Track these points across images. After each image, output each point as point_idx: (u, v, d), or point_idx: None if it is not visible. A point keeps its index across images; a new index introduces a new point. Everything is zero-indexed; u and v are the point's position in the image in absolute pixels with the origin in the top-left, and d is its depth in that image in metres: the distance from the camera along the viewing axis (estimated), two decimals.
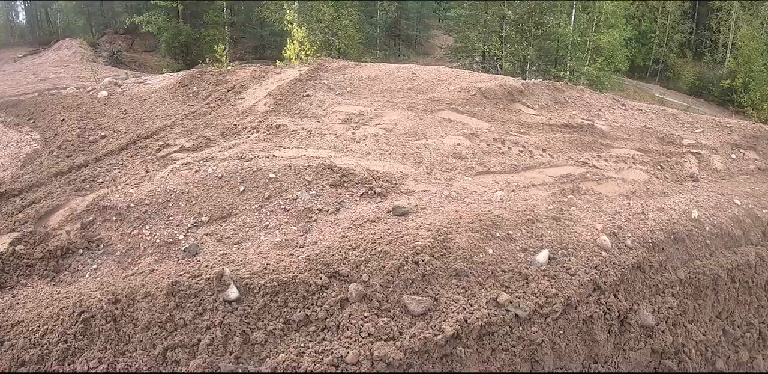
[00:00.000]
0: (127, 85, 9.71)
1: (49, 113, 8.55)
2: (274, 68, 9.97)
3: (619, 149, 7.81)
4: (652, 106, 11.50)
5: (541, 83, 9.34)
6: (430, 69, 9.29)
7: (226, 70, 9.74)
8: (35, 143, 7.54)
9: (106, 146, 7.08)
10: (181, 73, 9.96)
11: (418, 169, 5.80)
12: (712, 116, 11.56)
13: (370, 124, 7.07)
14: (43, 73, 24.28)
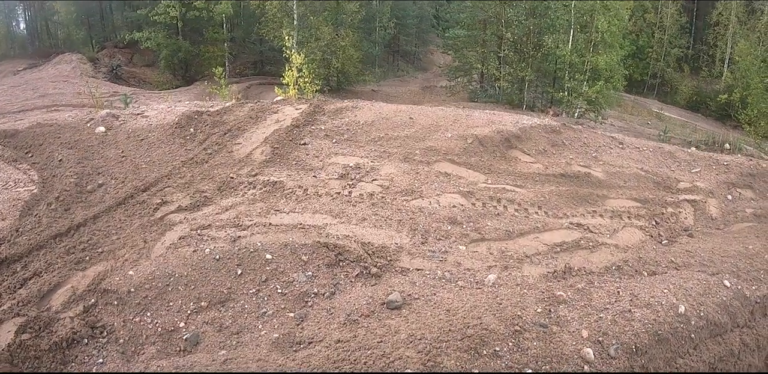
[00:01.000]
0: (124, 117, 9.69)
1: (46, 148, 8.56)
2: (270, 106, 9.91)
3: (616, 200, 7.82)
4: (649, 143, 11.51)
5: (538, 126, 9.32)
6: (428, 112, 9.24)
7: (223, 110, 9.66)
8: (33, 185, 7.54)
9: (103, 197, 7.09)
10: (180, 111, 9.89)
11: (413, 238, 5.79)
12: (709, 153, 11.56)
13: (367, 179, 7.05)
14: (43, 89, 24.37)
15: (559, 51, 22.57)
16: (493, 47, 24.88)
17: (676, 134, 28.54)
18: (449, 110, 9.85)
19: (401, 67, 43.88)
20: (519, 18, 23.33)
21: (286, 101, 10.79)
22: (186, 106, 11.05)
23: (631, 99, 35.25)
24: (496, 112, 11.31)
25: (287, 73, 14.55)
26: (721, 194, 9.00)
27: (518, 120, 9.49)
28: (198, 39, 31.57)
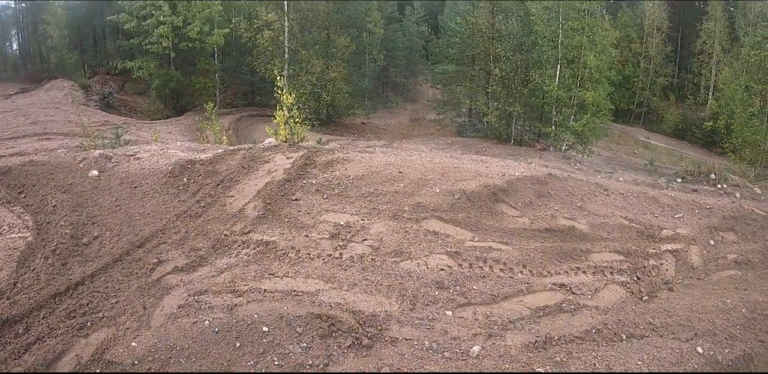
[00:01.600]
0: (117, 159, 9.79)
1: (40, 189, 8.66)
2: (262, 155, 10.12)
3: (599, 254, 8.04)
4: (634, 188, 11.77)
5: (525, 178, 9.58)
6: (416, 165, 9.46)
7: (215, 158, 9.84)
8: (27, 231, 7.61)
9: (99, 251, 7.22)
10: (172, 154, 10.07)
11: (402, 304, 6.02)
12: (692, 196, 11.83)
13: (357, 239, 7.27)
14: (34, 116, 24.44)
15: (546, 86, 22.98)
16: (481, 82, 25.32)
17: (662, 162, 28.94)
18: (438, 161, 10.06)
19: (390, 98, 44.38)
20: (507, 54, 23.77)
21: (278, 147, 10.97)
22: (178, 147, 11.19)
23: (618, 128, 35.69)
24: (484, 159, 11.58)
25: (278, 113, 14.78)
26: (703, 239, 9.24)
27: (505, 172, 9.74)
28: (190, 69, 31.67)
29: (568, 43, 23.34)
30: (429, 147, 21.40)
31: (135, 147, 11.82)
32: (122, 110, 33.31)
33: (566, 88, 23.11)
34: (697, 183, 21.19)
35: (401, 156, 10.28)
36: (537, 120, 24.26)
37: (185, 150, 10.85)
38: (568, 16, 23.44)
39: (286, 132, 14.56)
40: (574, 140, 23.64)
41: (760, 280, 8.03)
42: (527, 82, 23.45)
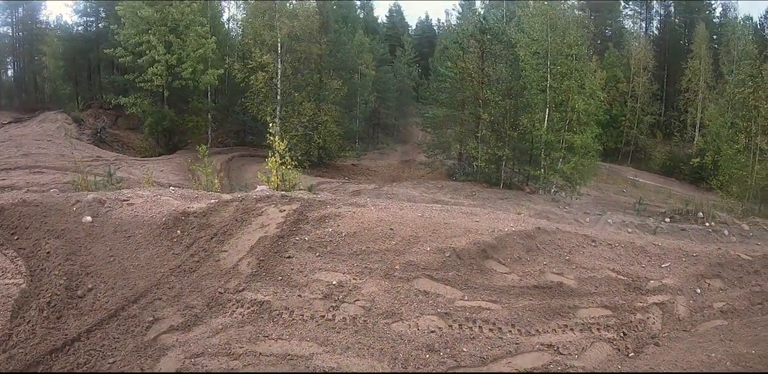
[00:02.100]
0: (110, 203, 9.84)
1: (33, 233, 8.67)
2: (255, 207, 10.25)
3: (587, 310, 8.20)
4: (621, 238, 11.95)
5: (514, 233, 9.77)
6: (407, 221, 9.65)
7: (209, 210, 9.96)
8: (21, 278, 7.59)
9: (94, 304, 7.30)
10: (165, 202, 10.18)
11: (394, 368, 6.18)
12: (678, 244, 12.01)
13: (349, 299, 7.43)
14: (26, 147, 24.65)
15: (536, 130, 23.41)
16: (471, 126, 25.72)
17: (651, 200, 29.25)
18: (428, 215, 10.27)
19: (381, 139, 44.89)
20: (496, 99, 24.21)
21: (270, 198, 11.08)
22: (171, 194, 11.31)
23: (606, 167, 36.14)
24: (474, 211, 11.74)
25: (270, 159, 15.01)
26: (689, 288, 9.42)
27: (495, 227, 9.93)
28: (183, 108, 31.98)
29: (556, 88, 23.85)
30: (419, 191, 21.63)
31: (128, 191, 11.91)
32: (114, 145, 33.49)
33: (555, 132, 23.54)
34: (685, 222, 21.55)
35: (392, 210, 10.45)
36: (526, 163, 24.61)
37: (178, 198, 10.95)
38: (556, 61, 24.01)
39: (278, 179, 14.81)
40: (563, 183, 23.98)
41: (745, 329, 8.20)
42: (516, 126, 23.90)
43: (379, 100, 42.77)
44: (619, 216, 21.67)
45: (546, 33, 24.25)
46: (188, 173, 22.72)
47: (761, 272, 10.27)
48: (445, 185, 23.71)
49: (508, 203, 20.74)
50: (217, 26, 36.04)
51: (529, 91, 24.15)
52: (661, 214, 23.05)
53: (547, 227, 11.02)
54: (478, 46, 25.50)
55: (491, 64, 25.18)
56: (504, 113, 24.26)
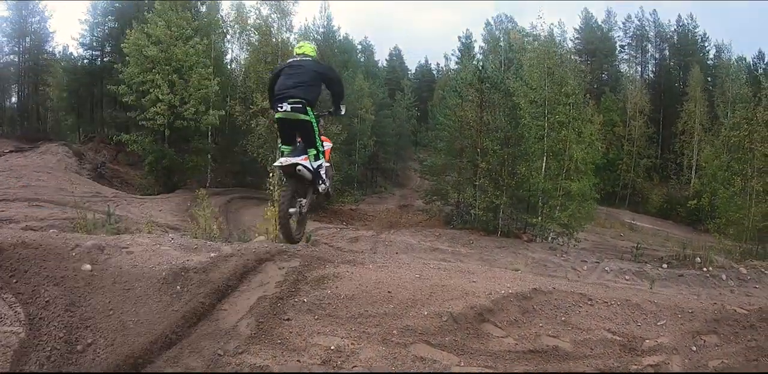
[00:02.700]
0: (109, 250, 9.83)
1: (32, 278, 8.52)
2: (254, 262, 10.30)
3: None
4: (617, 295, 11.85)
5: (510, 295, 9.81)
6: (405, 282, 9.68)
7: (209, 265, 9.97)
8: (19, 326, 7.55)
9: (94, 361, 7.28)
10: (165, 252, 10.19)
11: None
12: (675, 301, 12.01)
13: (347, 366, 7.44)
14: (26, 179, 24.69)
15: (533, 178, 23.59)
16: (469, 174, 25.90)
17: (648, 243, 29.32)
18: (426, 276, 10.31)
19: (379, 183, 45.13)
20: (494, 147, 24.43)
21: (269, 253, 11.11)
22: (171, 244, 11.32)
23: (604, 211, 36.24)
24: (472, 269, 11.76)
25: (269, 209, 15.10)
26: (685, 346, 9.37)
27: (491, 289, 9.97)
28: (183, 147, 32.10)
29: (554, 137, 24.11)
30: (417, 239, 21.73)
31: (127, 237, 11.92)
32: (114, 181, 33.52)
33: (552, 180, 23.72)
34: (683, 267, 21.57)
35: (390, 270, 10.50)
36: (524, 211, 24.70)
37: (177, 248, 10.97)
38: (554, 110, 24.32)
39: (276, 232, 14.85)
40: (561, 230, 24.07)
41: None
42: (514, 174, 24.06)
43: (378, 144, 43.08)
44: (616, 263, 21.70)
45: (544, 82, 24.62)
46: (187, 214, 22.74)
47: (757, 327, 10.23)
48: (443, 233, 23.77)
49: (506, 251, 20.82)
50: (220, 67, 36.47)
51: (527, 140, 24.38)
52: (659, 259, 23.11)
53: (543, 287, 11.07)
54: (476, 94, 25.82)
55: (490, 113, 25.44)
56: (502, 161, 24.42)
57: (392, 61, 78.11)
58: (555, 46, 29.08)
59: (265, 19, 30.49)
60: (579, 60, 56.25)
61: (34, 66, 46.46)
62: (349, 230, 24.75)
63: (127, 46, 30.73)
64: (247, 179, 36.78)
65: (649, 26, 59.17)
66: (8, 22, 44.68)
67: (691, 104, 48.20)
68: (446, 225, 26.59)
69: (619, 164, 46.96)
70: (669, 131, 51.69)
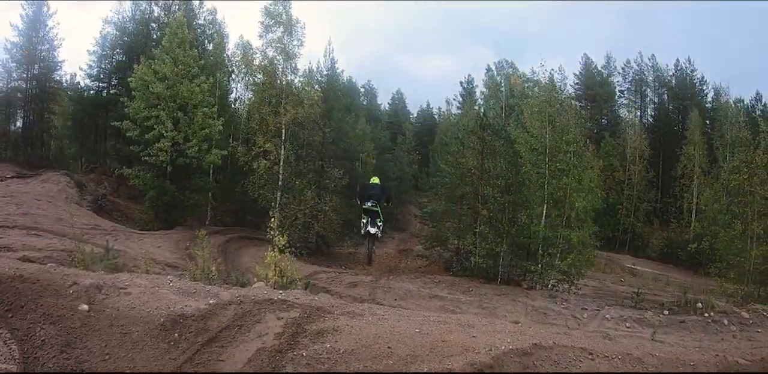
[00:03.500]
0: (107, 290, 9.74)
1: (28, 314, 8.60)
2: (253, 311, 10.26)
3: None
4: (618, 348, 11.86)
5: (511, 351, 9.76)
6: (405, 336, 9.66)
7: (208, 313, 9.94)
8: (14, 365, 7.48)
9: None
10: (164, 296, 10.14)
11: None
12: (673, 353, 11.96)
13: None
14: (26, 206, 24.60)
15: (533, 226, 23.58)
16: (469, 221, 25.90)
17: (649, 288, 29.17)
18: (426, 330, 10.28)
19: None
20: (495, 195, 24.47)
21: (269, 301, 11.07)
22: (169, 288, 11.26)
23: (604, 256, 36.11)
24: (472, 322, 11.72)
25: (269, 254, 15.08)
26: None
27: (492, 344, 9.94)
28: (185, 184, 31.98)
29: (555, 184, 24.17)
30: (416, 285, 21.63)
31: (126, 277, 11.83)
32: (114, 214, 33.27)
33: (552, 228, 23.70)
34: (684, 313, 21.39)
35: (390, 323, 10.46)
36: (524, 258, 24.60)
37: (176, 292, 10.90)
38: (555, 157, 24.43)
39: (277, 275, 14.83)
40: (561, 277, 23.97)
41: None
42: (515, 221, 24.03)
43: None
44: (617, 310, 21.54)
45: (545, 130, 24.81)
46: (185, 251, 22.68)
47: None
48: (442, 280, 23.64)
49: (506, 299, 20.70)
50: (224, 106, 36.76)
51: (528, 188, 24.44)
52: (660, 305, 22.94)
53: (544, 341, 11.01)
54: (478, 142, 25.97)
55: (491, 160, 25.56)
56: (502, 208, 24.42)
57: (394, 105, 78.75)
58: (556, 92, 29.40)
59: (270, 60, 30.72)
60: (579, 105, 56.77)
61: (40, 93, 46.82)
62: (348, 275, 24.62)
63: (133, 81, 30.84)
64: (247, 218, 36.68)
65: (648, 71, 59.62)
66: (18, 48, 45.40)
67: (690, 148, 48.37)
68: (446, 271, 26.47)
69: (619, 208, 46.86)
70: (668, 175, 51.77)
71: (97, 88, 46.67)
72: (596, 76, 60.67)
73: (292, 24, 30.71)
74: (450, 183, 27.65)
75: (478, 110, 47.52)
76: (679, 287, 29.08)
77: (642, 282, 31.47)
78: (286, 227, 25.77)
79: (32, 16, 44.96)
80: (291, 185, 29.11)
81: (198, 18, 44.12)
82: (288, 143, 29.76)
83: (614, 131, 54.55)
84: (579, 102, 58.49)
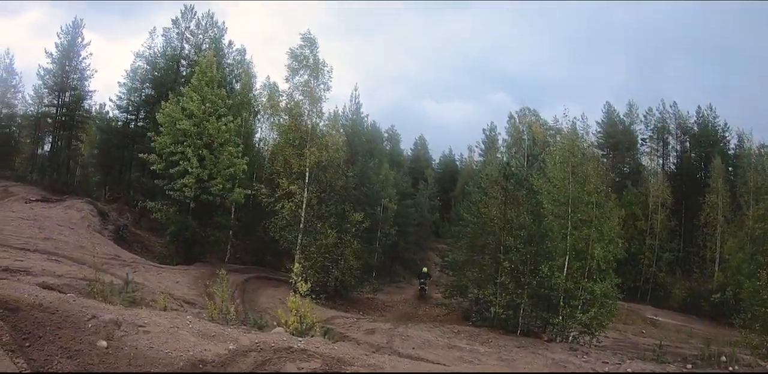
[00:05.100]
0: (126, 327, 9.68)
1: (45, 345, 8.52)
2: (273, 359, 10.19)
3: None
4: None
5: None
6: None
7: (227, 359, 9.85)
8: None
9: None
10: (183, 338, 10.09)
11: None
12: None
13: None
14: (48, 231, 24.84)
15: (555, 278, 23.35)
16: (491, 271, 25.71)
17: (671, 340, 28.64)
18: None
19: (398, 271, 45.07)
20: (517, 245, 24.30)
21: (289, 350, 11.02)
22: (189, 329, 11.22)
23: (625, 307, 35.57)
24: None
25: (291, 299, 15.10)
26: None
27: None
28: (206, 221, 32.14)
29: (576, 235, 24.00)
30: (435, 335, 21.45)
31: (145, 314, 11.77)
32: (134, 245, 33.48)
33: (574, 280, 23.46)
34: (708, 367, 20.95)
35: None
36: (544, 310, 24.29)
37: (195, 334, 10.86)
38: (577, 208, 24.31)
39: (297, 321, 14.80)
40: (581, 330, 23.62)
41: None
42: (536, 273, 23.80)
43: (399, 233, 43.24)
44: (638, 364, 21.14)
45: (568, 181, 24.73)
46: (204, 288, 22.67)
47: None
48: (461, 330, 23.41)
49: (525, 351, 20.43)
50: (248, 145, 37.16)
51: (551, 239, 24.25)
52: (683, 358, 22.53)
53: None
54: (501, 191, 25.95)
55: (513, 210, 25.47)
56: (524, 259, 24.24)
57: (417, 150, 79.57)
58: (578, 141, 29.43)
59: (296, 103, 31.08)
60: (601, 154, 56.75)
61: (69, 120, 48.02)
62: (366, 321, 24.45)
63: (161, 117, 31.32)
64: (266, 257, 36.81)
65: (670, 119, 59.50)
66: (50, 75, 46.69)
67: (713, 196, 47.84)
68: (465, 321, 26.20)
69: (640, 258, 46.28)
70: (691, 224, 51.29)
71: (125, 120, 47.77)
72: (618, 124, 60.77)
73: (319, 68, 31.07)
74: (472, 232, 27.55)
75: (501, 159, 47.74)
76: (702, 339, 28.52)
77: (664, 334, 30.96)
78: (307, 270, 25.80)
79: (66, 45, 46.45)
80: (312, 228, 29.17)
81: (227, 57, 45.06)
82: (311, 185, 29.91)
83: (636, 180, 54.31)
84: (601, 150, 58.49)
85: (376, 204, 38.45)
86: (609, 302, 23.95)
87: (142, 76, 46.09)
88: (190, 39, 45.98)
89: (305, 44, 31.26)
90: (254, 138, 42.72)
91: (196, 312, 16.30)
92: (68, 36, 46.80)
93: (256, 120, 42.68)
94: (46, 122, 49.27)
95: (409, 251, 47.83)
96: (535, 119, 56.87)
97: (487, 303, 25.23)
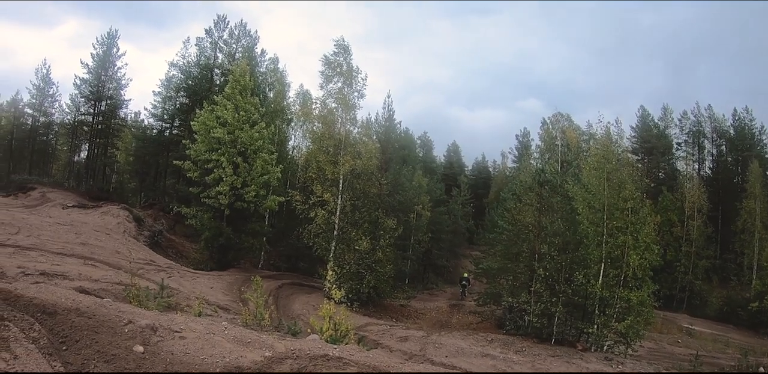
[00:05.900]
0: (162, 332, 9.77)
1: (82, 349, 8.49)
2: (308, 368, 10.20)
3: None
4: None
5: None
6: None
7: (263, 366, 9.91)
8: None
9: None
10: (219, 353, 10.13)
11: None
12: None
13: None
14: (85, 236, 25.30)
15: (590, 286, 23.12)
16: (525, 279, 25.56)
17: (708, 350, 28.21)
18: None
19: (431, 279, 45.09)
20: (552, 253, 24.11)
21: (324, 358, 11.06)
22: (224, 335, 11.32)
23: (660, 315, 35.04)
24: None
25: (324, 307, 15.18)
26: None
27: None
28: (241, 227, 32.47)
29: (612, 243, 23.75)
30: (468, 343, 21.34)
31: (181, 320, 11.85)
32: (169, 251, 33.93)
33: (610, 288, 23.21)
34: None
35: None
36: (579, 318, 24.05)
37: (230, 340, 10.93)
38: (612, 215, 24.08)
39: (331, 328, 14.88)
40: (616, 339, 23.35)
41: None
42: (571, 281, 23.58)
43: (432, 240, 43.34)
44: None
45: (603, 187, 24.50)
46: (237, 294, 22.89)
47: None
48: (495, 338, 23.27)
49: (560, 360, 20.28)
50: (282, 153, 37.46)
51: (586, 246, 24.00)
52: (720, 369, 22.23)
53: None
54: (536, 198, 25.78)
55: (548, 217, 25.29)
56: (559, 267, 24.02)
57: (450, 157, 79.70)
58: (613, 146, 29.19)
59: (330, 110, 31.24)
60: (636, 159, 56.09)
61: (105, 128, 49.04)
62: (399, 328, 24.44)
63: (196, 125, 31.79)
64: (300, 264, 37.04)
65: (705, 122, 58.63)
66: (87, 85, 47.78)
67: (750, 201, 46.98)
68: (498, 329, 26.01)
69: (676, 265, 45.50)
70: (728, 230, 50.37)
71: (160, 128, 48.86)
72: (653, 129, 59.93)
73: (352, 75, 31.19)
74: (506, 240, 27.40)
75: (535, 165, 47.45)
76: (739, 349, 28.06)
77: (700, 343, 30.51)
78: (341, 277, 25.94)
79: (102, 55, 47.46)
80: (346, 235, 29.29)
81: (260, 66, 45.54)
82: (345, 193, 30.04)
83: (672, 185, 53.41)
84: (636, 155, 57.80)
85: (410, 211, 38.52)
86: (645, 310, 23.61)
87: (177, 85, 47.04)
88: (223, 48, 46.73)
89: (339, 51, 31.45)
90: (288, 146, 43.11)
91: (230, 318, 16.43)
92: (104, 46, 47.90)
93: (290, 128, 43.03)
94: (83, 130, 50.33)
95: (442, 259, 47.80)
96: (569, 124, 56.23)
97: (521, 311, 25.03)
